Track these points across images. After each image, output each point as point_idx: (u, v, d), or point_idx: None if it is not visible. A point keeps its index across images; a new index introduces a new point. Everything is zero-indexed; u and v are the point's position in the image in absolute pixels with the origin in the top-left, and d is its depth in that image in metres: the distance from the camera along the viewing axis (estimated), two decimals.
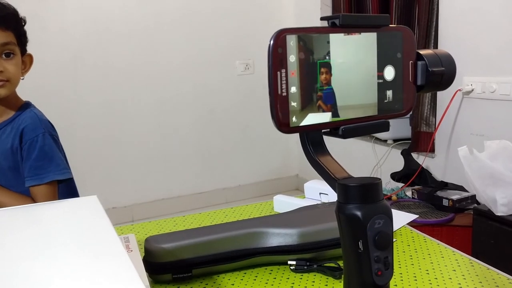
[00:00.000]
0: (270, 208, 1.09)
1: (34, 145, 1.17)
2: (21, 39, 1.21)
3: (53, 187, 1.19)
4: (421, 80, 0.47)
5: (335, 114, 0.43)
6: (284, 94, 0.40)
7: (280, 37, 0.39)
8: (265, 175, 3.60)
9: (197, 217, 1.06)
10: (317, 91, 0.41)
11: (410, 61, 0.46)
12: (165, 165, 3.28)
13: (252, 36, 3.37)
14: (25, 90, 1.26)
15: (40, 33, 2.74)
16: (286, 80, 0.39)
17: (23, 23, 1.22)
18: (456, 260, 0.80)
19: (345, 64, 0.42)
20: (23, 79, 1.22)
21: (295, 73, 0.40)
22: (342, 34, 0.42)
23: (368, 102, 0.44)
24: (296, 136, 0.44)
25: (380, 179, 0.44)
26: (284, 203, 1.06)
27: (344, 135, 0.44)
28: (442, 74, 0.47)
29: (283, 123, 0.40)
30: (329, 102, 0.42)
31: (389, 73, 0.45)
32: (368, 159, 2.82)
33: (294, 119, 0.40)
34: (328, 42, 0.41)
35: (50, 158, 1.19)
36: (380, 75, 0.44)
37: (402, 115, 0.47)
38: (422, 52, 0.46)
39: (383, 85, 0.45)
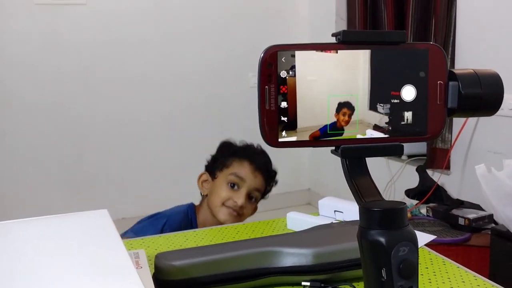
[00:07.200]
0: (283, 225, 1.06)
1: None
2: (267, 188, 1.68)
3: None
4: (451, 103, 0.43)
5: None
6: (273, 108, 0.40)
7: (270, 53, 0.40)
8: (276, 189, 3.55)
9: (208, 233, 1.03)
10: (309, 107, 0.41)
11: (439, 81, 0.43)
12: (174, 176, 3.26)
13: None
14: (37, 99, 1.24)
15: (55, 43, 2.78)
16: (276, 95, 0.40)
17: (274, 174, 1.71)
18: (478, 286, 0.76)
19: (337, 82, 0.42)
20: None
21: (285, 89, 0.40)
22: (326, 52, 0.41)
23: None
24: (307, 150, 0.44)
25: (405, 203, 0.42)
26: (297, 221, 1.03)
27: (343, 155, 0.42)
28: (480, 97, 0.42)
29: (271, 138, 0.40)
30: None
31: (408, 93, 0.42)
32: (382, 175, 2.78)
33: (284, 133, 0.40)
34: (321, 60, 0.41)
35: None
36: (396, 95, 0.42)
37: (426, 139, 0.43)
38: (457, 71, 0.42)
39: (398, 106, 0.42)
